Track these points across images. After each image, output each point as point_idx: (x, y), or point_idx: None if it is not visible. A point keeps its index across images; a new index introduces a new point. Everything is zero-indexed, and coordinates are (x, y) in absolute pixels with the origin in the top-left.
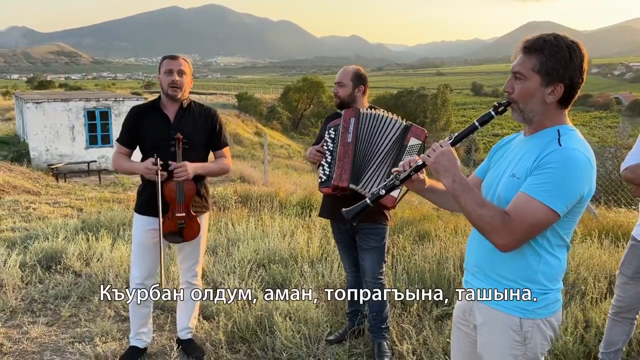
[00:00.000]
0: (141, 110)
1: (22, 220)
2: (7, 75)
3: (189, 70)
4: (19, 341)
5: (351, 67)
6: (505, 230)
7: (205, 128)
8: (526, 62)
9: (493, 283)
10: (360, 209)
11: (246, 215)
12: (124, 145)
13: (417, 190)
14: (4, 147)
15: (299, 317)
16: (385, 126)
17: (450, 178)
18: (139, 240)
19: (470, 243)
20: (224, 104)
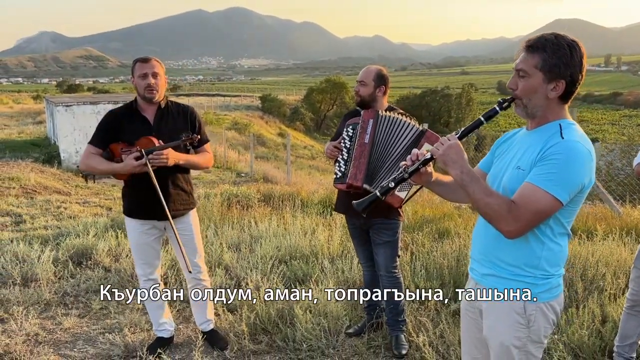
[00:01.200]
0: (119, 114)
1: (54, 219)
2: (38, 80)
3: (162, 71)
4: (53, 331)
5: (374, 67)
6: (511, 218)
7: (184, 126)
8: (529, 60)
9: (497, 269)
10: (370, 201)
11: (268, 213)
12: (98, 146)
13: (424, 183)
14: (36, 149)
15: (319, 310)
16: (402, 130)
17: (459, 169)
18: (135, 242)
19: (476, 232)
20: (248, 106)
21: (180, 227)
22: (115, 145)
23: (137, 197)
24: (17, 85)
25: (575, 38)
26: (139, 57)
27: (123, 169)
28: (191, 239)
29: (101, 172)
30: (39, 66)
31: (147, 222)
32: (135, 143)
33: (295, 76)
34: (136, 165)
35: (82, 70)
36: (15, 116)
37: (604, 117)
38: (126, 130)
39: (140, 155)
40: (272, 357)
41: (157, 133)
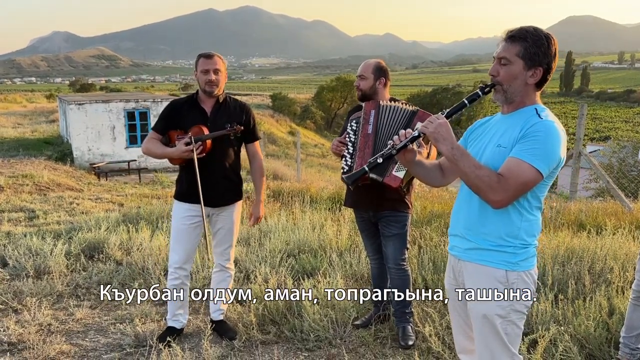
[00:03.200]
0: (180, 104)
1: (66, 215)
2: (51, 79)
3: (224, 67)
4: (66, 322)
5: (372, 60)
6: (500, 188)
7: (239, 121)
8: (511, 49)
9: (480, 242)
10: (358, 175)
11: (278, 209)
12: (158, 132)
13: (408, 163)
14: (49, 147)
15: (327, 302)
16: (401, 115)
17: (449, 145)
18: (177, 226)
19: (456, 209)
20: (259, 104)
21: (224, 216)
22: (173, 132)
23: (188, 183)
24: (31, 85)
25: (549, 32)
26: (203, 52)
27: (173, 153)
28: (230, 230)
29: (157, 154)
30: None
31: (192, 207)
32: (188, 131)
33: (306, 75)
34: (184, 151)
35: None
36: (29, 115)
37: (617, 114)
38: (185, 119)
39: (189, 142)
40: (280, 347)
41: (213, 124)
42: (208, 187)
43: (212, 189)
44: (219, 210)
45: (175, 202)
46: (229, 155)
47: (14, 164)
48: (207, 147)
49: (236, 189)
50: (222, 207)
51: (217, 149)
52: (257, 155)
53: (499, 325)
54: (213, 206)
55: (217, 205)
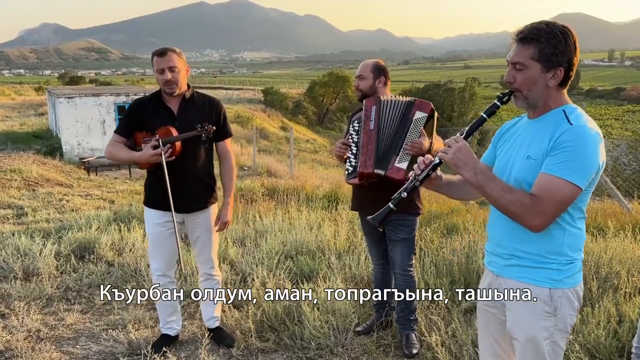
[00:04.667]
0: (144, 103)
1: (56, 212)
2: (40, 72)
3: (182, 62)
4: (55, 327)
5: (371, 60)
6: (536, 211)
7: (209, 119)
8: (524, 52)
9: (520, 260)
10: (385, 213)
11: (273, 207)
12: (122, 135)
13: (435, 188)
14: (37, 141)
15: (327, 307)
16: (400, 107)
17: (472, 171)
18: (152, 234)
19: (491, 224)
20: (250, 99)
21: (200, 221)
22: (139, 134)
23: (158, 188)
24: (19, 77)
25: (564, 24)
26: (157, 49)
27: (140, 157)
28: (209, 236)
29: (122, 160)
30: (41, 58)
31: (165, 214)
32: (155, 132)
33: (298, 69)
34: (152, 155)
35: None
36: (17, 108)
37: (607, 112)
38: (150, 119)
39: (157, 145)
40: (280, 356)
41: (181, 124)
42: (180, 191)
43: (185, 194)
44: (194, 215)
45: (146, 209)
46: (200, 156)
47: (2, 158)
48: (176, 149)
49: (210, 191)
50: (196, 212)
51: (188, 150)
52: (228, 154)
53: (543, 347)
54: (187, 212)
55: (191, 210)
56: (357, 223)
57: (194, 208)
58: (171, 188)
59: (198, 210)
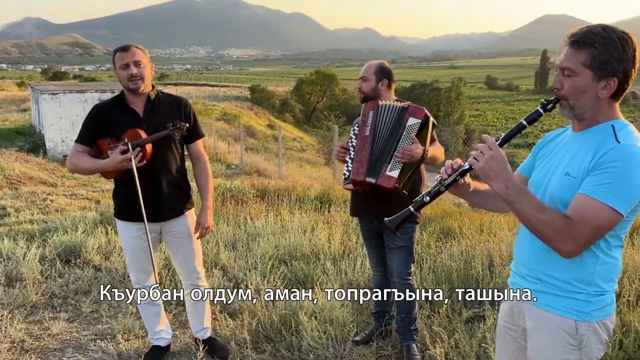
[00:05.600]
0: (106, 108)
1: (39, 212)
2: (22, 66)
3: (146, 59)
4: (40, 337)
5: (375, 62)
6: (569, 236)
7: (179, 119)
8: (576, 57)
9: (545, 285)
10: (403, 217)
11: (264, 209)
12: (84, 144)
13: (461, 195)
14: (20, 137)
15: (324, 316)
16: (393, 114)
17: (503, 183)
18: (128, 246)
19: (519, 244)
20: (237, 97)
21: (177, 229)
22: (103, 141)
23: (129, 198)
24: (1, 72)
25: (626, 30)
26: (118, 46)
27: (108, 164)
28: (188, 243)
29: (88, 171)
30: (23, 52)
31: (139, 226)
32: (121, 137)
33: (285, 67)
34: (121, 160)
35: (67, 58)
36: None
37: None
38: (114, 124)
39: (126, 149)
40: None
41: (148, 126)
42: (153, 199)
43: (158, 201)
44: (170, 223)
45: (118, 221)
46: (172, 159)
47: None
48: (147, 153)
49: (185, 196)
50: (172, 219)
51: (158, 153)
52: (202, 156)
53: None
54: (162, 220)
55: (166, 218)
56: (351, 226)
57: (169, 215)
58: (143, 196)
59: (174, 217)
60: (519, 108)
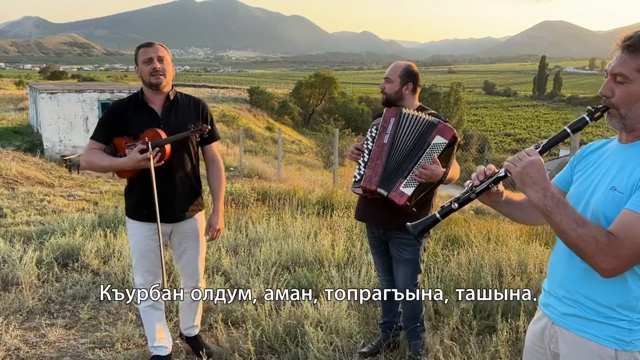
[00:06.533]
0: (123, 106)
1: (37, 214)
2: (21, 65)
3: (169, 57)
4: (37, 345)
5: (402, 63)
6: (611, 253)
7: (196, 120)
8: (630, 62)
9: (583, 309)
10: (428, 224)
11: (266, 213)
12: (101, 141)
13: (492, 204)
14: (17, 137)
15: (330, 326)
16: (419, 127)
17: (541, 192)
18: (138, 247)
19: (554, 261)
20: (236, 98)
21: (187, 232)
22: (120, 139)
23: (143, 197)
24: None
25: None
26: (141, 43)
27: (126, 163)
28: (196, 244)
29: (104, 168)
30: (21, 51)
31: (153, 226)
32: (140, 136)
33: (284, 69)
34: (140, 159)
35: (66, 57)
36: None
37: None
38: (132, 123)
39: (146, 148)
40: None
41: (166, 126)
42: (167, 199)
43: (172, 201)
44: (181, 225)
45: (129, 220)
46: (188, 160)
47: None
48: (166, 153)
49: (198, 198)
50: (183, 220)
51: (176, 154)
52: (216, 158)
53: None
54: (174, 221)
55: (178, 219)
56: (355, 233)
57: (182, 217)
58: (157, 196)
59: (185, 218)
60: (516, 114)
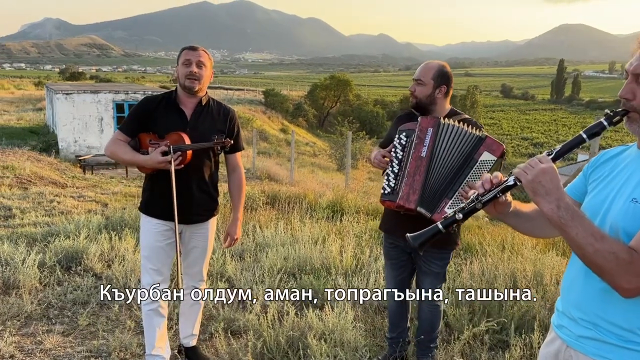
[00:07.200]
0: (155, 103)
1: (45, 215)
2: (41, 66)
3: (210, 63)
4: (32, 353)
5: (435, 63)
6: (634, 271)
7: (222, 128)
8: None
9: (601, 332)
10: (429, 235)
11: (274, 217)
12: (127, 134)
13: (498, 215)
14: (34, 137)
15: (335, 339)
16: (465, 140)
17: (554, 203)
18: (149, 243)
19: (569, 280)
20: (251, 100)
21: (198, 234)
22: (145, 135)
23: (159, 194)
24: (20, 71)
25: None
26: (188, 45)
27: (146, 162)
28: (204, 248)
29: (125, 161)
30: (42, 52)
31: (165, 223)
32: (165, 137)
33: (299, 71)
34: (160, 161)
35: (85, 58)
36: (16, 102)
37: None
38: (160, 121)
39: (167, 151)
40: None
41: (192, 130)
42: (183, 201)
43: (187, 204)
44: (193, 227)
45: (143, 216)
46: (207, 166)
47: None
48: (187, 158)
49: (213, 203)
50: (197, 223)
51: (196, 160)
52: (238, 167)
53: None
54: (188, 223)
55: (192, 222)
56: (364, 239)
57: (195, 220)
58: (172, 195)
59: (199, 222)
60: (534, 117)
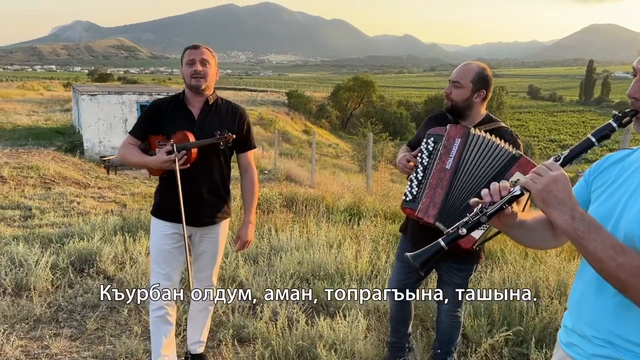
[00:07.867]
0: (164, 105)
1: (63, 215)
2: (70, 68)
3: (214, 61)
4: (38, 357)
5: (474, 65)
6: None
7: (231, 127)
8: None
9: (618, 351)
10: (431, 254)
11: (291, 220)
12: (136, 137)
13: (504, 228)
14: (60, 137)
15: (346, 349)
16: (495, 156)
17: (568, 214)
18: (158, 246)
19: (579, 296)
20: (275, 101)
21: (209, 237)
22: (154, 137)
23: (168, 197)
24: (50, 73)
25: None
26: (189, 45)
27: (152, 162)
28: (215, 253)
29: (134, 163)
30: (72, 54)
31: (174, 226)
32: (171, 137)
33: (323, 73)
34: (165, 160)
35: (113, 60)
36: (45, 103)
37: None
38: (168, 122)
39: (171, 150)
40: None
41: (200, 130)
42: (192, 203)
43: (197, 206)
44: (204, 230)
45: (154, 218)
46: (217, 166)
47: (22, 153)
48: (192, 157)
49: (224, 205)
50: (207, 226)
51: (204, 159)
52: (250, 167)
53: None
54: (197, 225)
55: (201, 224)
56: (381, 244)
57: (206, 222)
58: (183, 199)
59: (209, 224)
60: (562, 119)
